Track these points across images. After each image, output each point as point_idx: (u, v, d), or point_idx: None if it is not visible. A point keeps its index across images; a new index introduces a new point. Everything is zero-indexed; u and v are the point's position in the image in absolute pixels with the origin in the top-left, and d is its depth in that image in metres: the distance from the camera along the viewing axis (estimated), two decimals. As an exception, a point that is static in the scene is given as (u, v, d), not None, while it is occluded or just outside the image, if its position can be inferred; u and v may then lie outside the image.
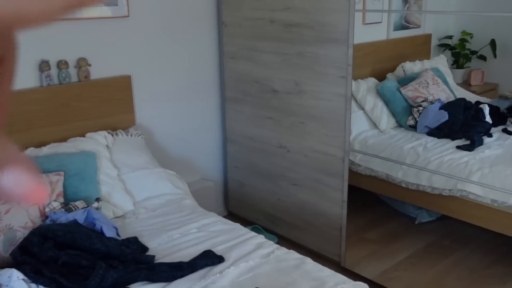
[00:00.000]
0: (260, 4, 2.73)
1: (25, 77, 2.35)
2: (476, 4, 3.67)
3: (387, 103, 3.20)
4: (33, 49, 2.35)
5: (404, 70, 3.47)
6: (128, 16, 2.63)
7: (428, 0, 3.59)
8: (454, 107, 3.09)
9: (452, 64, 3.85)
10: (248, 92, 2.94)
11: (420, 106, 3.10)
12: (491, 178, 2.48)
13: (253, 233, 2.08)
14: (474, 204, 2.53)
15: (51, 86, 2.40)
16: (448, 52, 3.83)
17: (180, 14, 2.87)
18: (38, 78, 2.39)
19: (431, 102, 3.12)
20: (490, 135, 2.92)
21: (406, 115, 3.14)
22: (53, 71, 2.41)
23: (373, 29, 3.47)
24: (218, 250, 1.92)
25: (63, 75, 2.43)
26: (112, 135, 2.51)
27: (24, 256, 1.74)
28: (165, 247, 1.97)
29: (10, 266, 1.68)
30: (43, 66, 2.36)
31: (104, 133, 2.47)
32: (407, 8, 3.49)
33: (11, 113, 2.23)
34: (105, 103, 2.58)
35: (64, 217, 1.93)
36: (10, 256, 1.79)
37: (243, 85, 2.96)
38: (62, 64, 2.42)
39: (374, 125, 3.16)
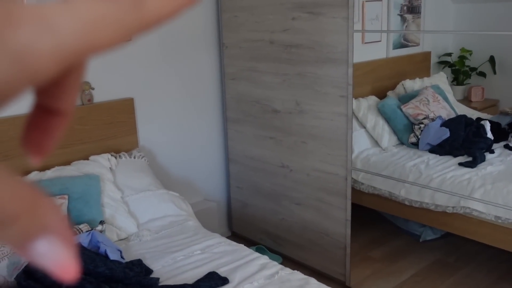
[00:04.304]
0: (259, 26, 2.77)
1: (28, 101, 2.37)
2: (474, 22, 3.71)
3: (388, 121, 3.22)
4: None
5: (404, 88, 3.49)
6: (130, 39, 2.66)
7: (426, 18, 3.64)
8: (455, 123, 3.11)
9: (452, 81, 3.88)
10: (249, 113, 2.96)
11: (421, 123, 3.12)
12: (493, 194, 2.48)
13: (257, 254, 2.08)
14: (477, 221, 2.53)
15: (54, 110, 2.42)
16: (448, 69, 3.86)
17: (182, 37, 2.91)
18: (42, 103, 2.41)
19: (432, 119, 3.14)
20: (492, 151, 2.93)
21: (408, 132, 3.15)
22: (57, 95, 2.44)
23: (372, 48, 3.51)
24: (222, 272, 1.92)
25: (67, 99, 2.45)
26: (116, 158, 2.52)
27: (29, 280, 1.74)
28: (169, 269, 1.97)
29: (15, 291, 1.68)
30: (47, 90, 2.39)
31: (108, 155, 2.49)
32: (406, 27, 3.53)
33: (15, 137, 2.25)
34: (108, 126, 2.61)
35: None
36: (15, 281, 1.79)
37: (244, 106, 2.99)
38: (65, 88, 2.45)
39: (376, 143, 3.17)
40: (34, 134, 0.25)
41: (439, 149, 2.98)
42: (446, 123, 3.12)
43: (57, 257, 0.21)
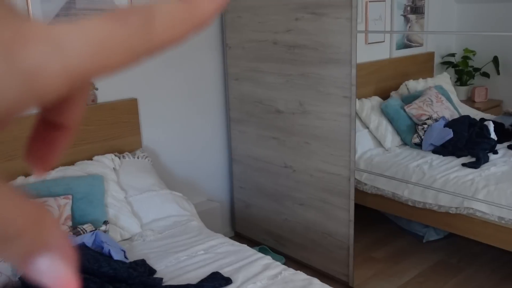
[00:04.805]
0: (263, 26, 2.77)
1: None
2: (477, 23, 3.70)
3: (391, 121, 3.22)
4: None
5: (407, 88, 3.49)
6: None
7: (430, 19, 3.63)
8: (459, 124, 3.10)
9: (456, 82, 3.88)
10: (253, 113, 2.97)
11: (425, 124, 3.12)
12: (497, 195, 2.48)
13: (260, 254, 2.08)
14: (481, 222, 2.52)
15: (58, 110, 2.42)
16: (451, 70, 3.85)
17: (185, 37, 2.91)
18: (46, 103, 2.42)
19: (436, 120, 3.13)
20: (495, 152, 2.92)
21: (411, 133, 3.15)
22: (61, 96, 2.44)
23: (376, 48, 3.50)
24: (225, 272, 1.92)
25: (71, 99, 2.46)
26: (119, 158, 2.53)
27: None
28: (172, 269, 1.98)
29: (19, 291, 1.69)
30: (51, 90, 2.40)
31: (111, 156, 2.49)
32: (409, 27, 3.52)
33: (19, 138, 2.26)
34: (112, 126, 2.61)
35: (72, 241, 1.94)
36: (19, 280, 1.80)
37: (247, 106, 2.99)
38: (69, 89, 2.45)
39: (379, 143, 3.17)
40: (38, 147, 0.25)
41: (442, 149, 2.97)
42: (450, 124, 3.11)
43: (58, 274, 0.21)
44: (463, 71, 3.81)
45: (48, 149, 0.25)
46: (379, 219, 3.29)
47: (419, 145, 3.08)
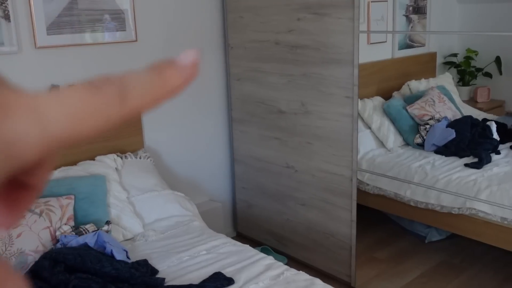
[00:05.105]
0: (265, 26, 2.77)
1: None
2: (479, 23, 3.70)
3: (393, 121, 3.21)
4: (44, 75, 2.40)
5: (410, 89, 3.49)
6: (136, 40, 2.68)
7: (432, 19, 3.63)
8: (461, 124, 3.10)
9: (458, 82, 3.87)
10: (254, 113, 2.97)
11: (427, 124, 3.11)
12: (499, 196, 2.47)
13: (262, 255, 2.08)
14: (483, 222, 2.52)
15: (61, 110, 2.43)
16: (454, 70, 3.85)
17: (187, 37, 2.91)
18: (49, 103, 2.42)
19: (438, 120, 3.13)
20: (498, 152, 2.91)
21: (413, 133, 3.15)
22: (63, 96, 2.45)
23: (378, 49, 3.50)
24: (227, 272, 1.92)
25: (73, 99, 2.46)
26: (121, 158, 2.53)
27: (35, 280, 1.75)
28: (174, 269, 1.98)
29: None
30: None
31: (114, 156, 2.50)
32: (411, 27, 3.52)
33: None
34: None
35: (75, 241, 1.94)
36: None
37: (249, 106, 2.99)
38: (72, 89, 2.46)
39: (381, 143, 3.17)
40: (2, 204, 0.25)
41: (444, 150, 2.97)
42: (452, 124, 3.11)
43: None
44: (466, 71, 3.80)
45: (12, 206, 0.25)
46: (381, 220, 3.29)
47: (421, 146, 3.07)
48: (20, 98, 0.21)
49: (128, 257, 1.99)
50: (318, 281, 1.88)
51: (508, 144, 3.03)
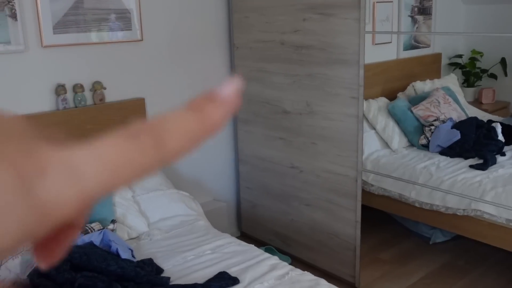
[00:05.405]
0: (270, 26, 2.77)
1: (41, 101, 2.39)
2: (485, 24, 3.69)
3: (398, 122, 3.21)
4: (50, 73, 2.40)
5: (414, 89, 3.48)
6: (142, 40, 2.68)
7: (437, 20, 3.62)
8: (466, 126, 3.09)
9: (463, 83, 3.86)
10: (259, 113, 2.97)
11: (432, 125, 3.11)
12: (505, 197, 2.47)
13: (267, 255, 2.08)
14: (488, 224, 2.51)
15: (67, 109, 2.44)
16: (459, 71, 3.84)
17: (193, 37, 2.92)
18: (54, 102, 2.43)
19: (443, 121, 3.12)
20: (503, 154, 2.91)
21: (418, 134, 3.14)
22: (69, 95, 2.46)
23: (383, 49, 3.50)
24: (232, 272, 1.92)
25: (79, 98, 2.47)
26: (126, 157, 2.53)
27: (41, 278, 1.75)
28: (179, 268, 1.98)
29: (27, 289, 1.70)
30: (59, 90, 2.41)
31: (119, 155, 2.50)
32: (416, 28, 3.52)
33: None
34: (120, 126, 2.61)
35: (81, 239, 1.95)
36: (28, 278, 1.81)
37: (254, 106, 2.99)
38: (77, 88, 2.47)
39: (386, 144, 3.16)
40: (46, 242, 0.25)
41: (449, 151, 2.96)
42: (457, 125, 3.10)
43: None
44: (471, 72, 3.80)
45: (55, 244, 0.25)
46: (386, 220, 3.29)
47: (426, 147, 3.07)
48: (56, 154, 0.20)
49: (133, 256, 2.00)
50: (323, 282, 1.88)
51: (513, 146, 3.02)
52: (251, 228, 3.26)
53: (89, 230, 2.03)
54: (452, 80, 3.69)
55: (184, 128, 0.23)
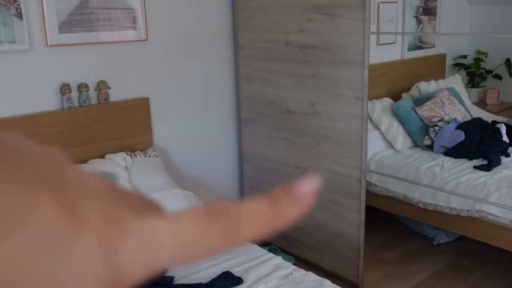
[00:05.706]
0: (275, 26, 2.77)
1: (46, 100, 2.40)
2: (489, 25, 3.68)
3: (402, 123, 3.20)
4: (54, 73, 2.41)
5: (419, 90, 3.48)
6: (147, 39, 2.69)
7: (442, 20, 3.62)
8: (471, 126, 3.09)
9: (467, 84, 3.85)
10: (264, 113, 2.97)
11: (436, 125, 3.10)
12: (509, 198, 2.46)
13: (271, 254, 2.08)
14: (492, 225, 2.51)
15: (71, 108, 2.45)
16: (463, 72, 3.83)
17: (197, 37, 2.92)
18: (59, 101, 2.44)
19: (447, 122, 3.12)
20: (507, 155, 2.90)
21: (422, 135, 3.14)
22: (74, 94, 2.47)
23: (387, 50, 3.49)
24: (236, 272, 1.92)
25: (83, 97, 2.48)
26: (131, 157, 2.54)
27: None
28: (183, 268, 1.98)
29: None
30: (64, 89, 2.42)
31: (123, 154, 2.51)
32: (421, 29, 3.51)
33: (32, 135, 2.28)
34: (124, 125, 2.63)
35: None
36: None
37: (258, 106, 2.99)
38: (82, 87, 2.47)
39: (390, 145, 3.16)
40: None
41: (454, 152, 2.96)
42: (461, 126, 3.10)
43: None
44: (475, 73, 3.79)
45: None
46: (390, 221, 3.28)
47: (430, 147, 3.07)
48: (136, 222, 0.21)
49: (137, 255, 2.00)
50: (327, 282, 1.88)
51: (517, 147, 3.02)
52: (254, 228, 3.26)
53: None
54: (456, 81, 3.69)
55: (259, 217, 0.23)
